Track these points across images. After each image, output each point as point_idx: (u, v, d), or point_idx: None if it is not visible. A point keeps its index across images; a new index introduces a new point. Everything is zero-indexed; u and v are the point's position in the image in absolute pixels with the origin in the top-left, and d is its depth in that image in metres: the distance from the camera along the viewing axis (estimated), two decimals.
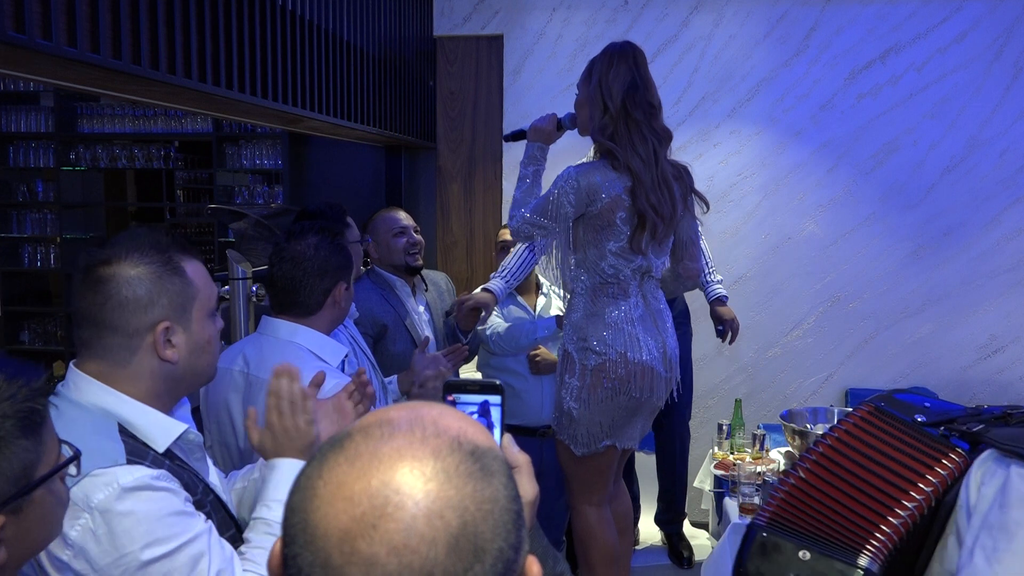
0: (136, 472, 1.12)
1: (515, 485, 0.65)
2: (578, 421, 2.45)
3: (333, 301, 1.87)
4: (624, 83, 2.39)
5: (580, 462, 2.50)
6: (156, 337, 1.20)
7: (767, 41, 3.95)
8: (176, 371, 1.23)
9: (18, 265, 5.36)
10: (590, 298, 2.44)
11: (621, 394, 2.42)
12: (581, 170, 2.40)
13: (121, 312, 1.18)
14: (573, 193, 2.36)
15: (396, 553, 0.57)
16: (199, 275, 1.27)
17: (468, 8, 4.12)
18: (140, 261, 1.20)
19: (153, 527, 1.09)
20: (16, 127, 5.28)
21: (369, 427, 0.63)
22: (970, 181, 3.91)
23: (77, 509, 1.07)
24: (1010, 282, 3.90)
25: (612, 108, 2.38)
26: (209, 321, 1.29)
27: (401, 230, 2.91)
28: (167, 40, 1.90)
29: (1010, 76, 3.83)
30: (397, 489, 0.59)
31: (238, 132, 5.21)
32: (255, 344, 1.86)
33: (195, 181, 5.76)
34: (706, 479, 3.46)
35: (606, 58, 2.43)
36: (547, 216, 2.41)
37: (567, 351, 2.48)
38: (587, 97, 2.46)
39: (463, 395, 0.87)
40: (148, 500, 1.11)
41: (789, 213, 4.02)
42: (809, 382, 4.09)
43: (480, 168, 4.23)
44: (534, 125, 2.61)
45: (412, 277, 2.96)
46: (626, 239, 2.39)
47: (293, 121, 2.86)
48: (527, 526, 0.86)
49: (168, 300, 1.21)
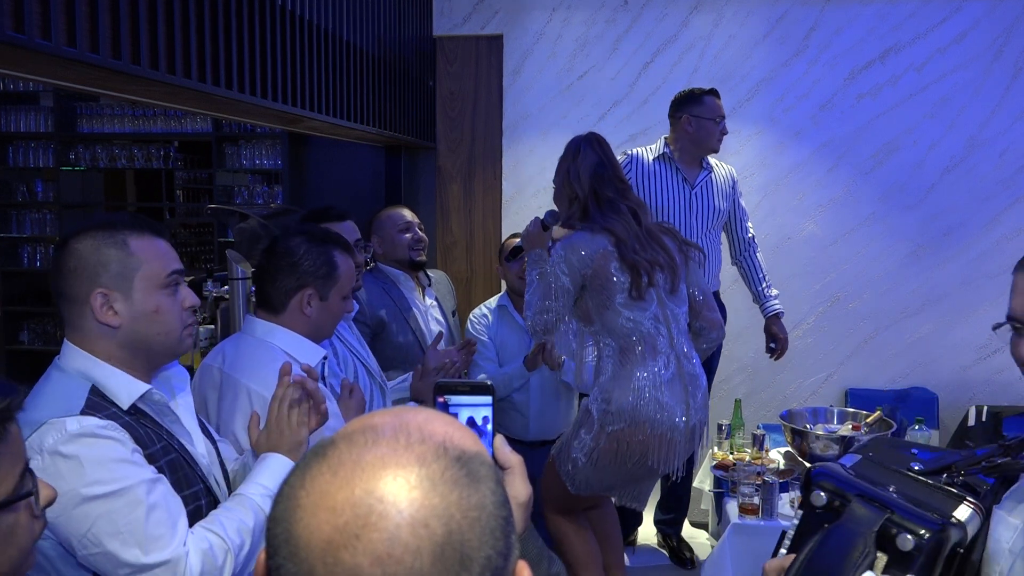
0: (84, 422, 1.25)
1: (503, 490, 0.64)
2: (579, 471, 2.47)
3: (299, 305, 1.83)
4: (591, 167, 2.49)
5: (566, 492, 2.52)
6: (92, 302, 1.32)
7: (767, 41, 3.95)
8: (122, 336, 1.34)
9: (17, 265, 5.35)
10: (619, 360, 2.43)
11: (633, 463, 2.42)
12: (565, 244, 2.46)
13: (69, 280, 1.33)
14: (566, 267, 2.42)
15: (380, 563, 0.56)
16: (147, 249, 1.36)
17: (468, 8, 4.12)
18: (90, 236, 1.33)
19: (94, 469, 1.21)
20: (16, 127, 5.28)
21: (353, 434, 0.62)
22: (970, 181, 3.91)
23: (32, 451, 1.18)
24: (1010, 282, 3.89)
25: (581, 193, 2.48)
26: (159, 292, 1.36)
27: (407, 225, 2.95)
28: (167, 40, 1.90)
29: (1010, 76, 3.83)
30: (380, 498, 0.57)
31: (238, 132, 5.20)
32: (234, 342, 1.88)
33: (195, 181, 5.76)
34: (706, 479, 3.46)
35: (570, 150, 2.55)
36: (551, 298, 2.44)
37: (588, 409, 2.48)
38: (559, 190, 2.58)
39: (454, 396, 0.86)
40: (91, 446, 1.23)
41: (789, 213, 4.02)
42: (809, 382, 4.09)
43: (480, 168, 4.22)
44: (524, 237, 2.66)
45: (415, 272, 2.99)
46: (629, 291, 2.41)
47: (293, 121, 2.86)
48: (521, 528, 0.85)
49: (108, 270, 1.32)
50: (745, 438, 3.32)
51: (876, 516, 1.07)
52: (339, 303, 1.90)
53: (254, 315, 1.91)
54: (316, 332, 1.89)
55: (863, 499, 1.11)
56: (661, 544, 3.61)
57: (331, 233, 1.97)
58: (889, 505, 1.09)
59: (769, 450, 3.24)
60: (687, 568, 3.45)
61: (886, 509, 1.08)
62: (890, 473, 1.17)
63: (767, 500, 2.74)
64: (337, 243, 1.91)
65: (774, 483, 2.76)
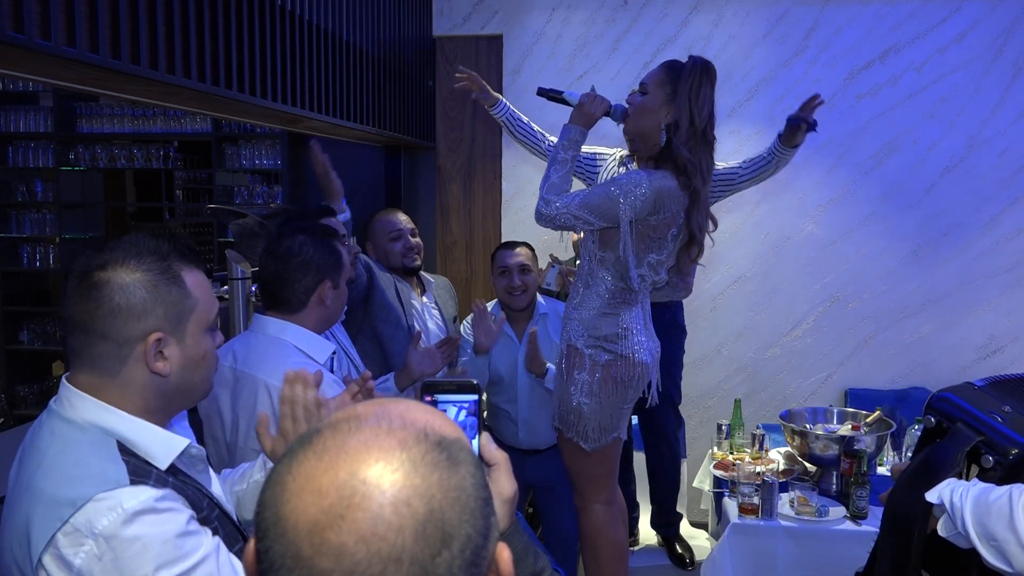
0: (141, 494, 1.07)
1: (482, 475, 0.67)
2: (588, 417, 2.44)
3: (319, 299, 1.89)
4: (711, 106, 2.35)
5: (588, 458, 2.50)
6: (147, 348, 1.15)
7: (766, 41, 3.95)
8: (167, 385, 1.18)
9: (17, 265, 5.35)
10: (606, 299, 2.43)
11: (629, 389, 2.45)
12: (653, 178, 2.31)
13: (113, 320, 1.13)
14: (642, 200, 2.29)
15: (364, 542, 0.58)
16: (200, 286, 1.21)
17: (467, 8, 4.12)
18: (137, 267, 1.15)
19: (161, 550, 1.05)
20: (15, 127, 5.27)
21: (337, 423, 0.65)
22: (970, 181, 3.91)
23: (80, 536, 1.03)
24: (1009, 282, 3.90)
25: (698, 125, 2.32)
26: (206, 336, 1.23)
27: (397, 234, 2.94)
28: (166, 40, 1.90)
29: (1009, 76, 3.83)
30: (364, 480, 0.60)
31: (237, 132, 5.20)
32: (244, 341, 1.90)
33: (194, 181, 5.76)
34: (705, 479, 3.46)
35: (696, 73, 2.34)
36: (599, 215, 2.33)
37: (574, 346, 2.45)
38: (666, 103, 2.36)
39: (441, 395, 0.88)
40: (153, 523, 1.06)
41: (789, 213, 4.02)
42: (809, 382, 4.09)
43: (480, 168, 4.22)
44: (583, 105, 2.47)
45: (411, 277, 2.98)
46: (667, 254, 2.40)
47: (293, 121, 2.86)
48: (505, 524, 0.87)
49: (163, 310, 1.16)
50: (745, 438, 3.32)
51: (970, 438, 1.36)
52: (345, 288, 1.98)
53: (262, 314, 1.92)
54: (329, 320, 1.96)
55: (965, 424, 1.39)
56: (661, 544, 3.61)
57: (322, 225, 2.01)
58: (984, 431, 1.36)
59: (769, 450, 3.25)
60: (687, 568, 3.45)
61: (981, 434, 1.35)
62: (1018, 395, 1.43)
63: (767, 500, 2.74)
64: (333, 233, 1.97)
65: (774, 483, 2.76)
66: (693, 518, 3.87)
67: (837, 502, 2.81)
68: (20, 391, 5.17)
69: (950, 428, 1.41)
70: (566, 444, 2.54)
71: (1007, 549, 1.20)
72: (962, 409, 1.42)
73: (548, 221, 2.39)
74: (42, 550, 1.04)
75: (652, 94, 2.39)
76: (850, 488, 2.77)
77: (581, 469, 2.57)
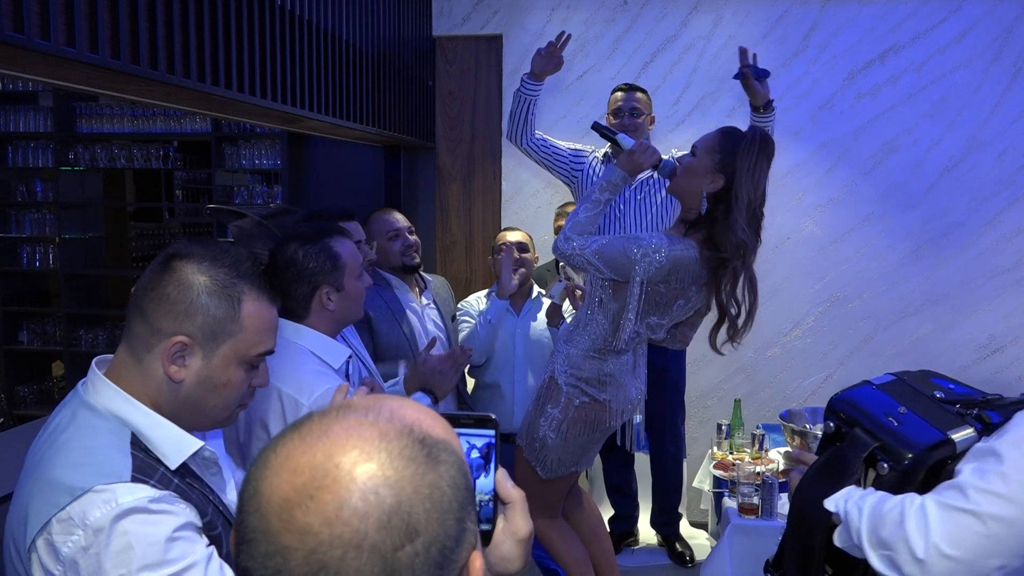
0: (137, 492, 1.06)
1: (467, 481, 0.67)
2: (551, 449, 2.46)
3: (320, 305, 1.87)
4: (765, 183, 2.23)
5: (542, 483, 2.51)
6: (168, 347, 1.14)
7: (766, 41, 3.94)
8: (177, 392, 1.16)
9: (17, 265, 5.35)
10: (597, 344, 2.41)
11: (597, 431, 2.45)
12: (674, 247, 2.24)
13: (158, 306, 1.14)
14: (656, 267, 2.24)
15: (328, 524, 0.59)
16: (255, 319, 1.19)
17: (467, 8, 4.12)
18: (208, 271, 1.15)
19: (146, 552, 1.04)
20: (15, 127, 5.27)
21: (328, 410, 0.67)
22: (969, 181, 3.91)
23: (72, 525, 1.03)
24: (1009, 282, 3.90)
25: (754, 202, 2.21)
26: (238, 368, 1.19)
27: (396, 232, 2.94)
28: (166, 40, 1.90)
29: (1009, 76, 3.83)
30: (338, 464, 0.61)
31: (237, 132, 5.20)
32: None
33: (194, 181, 5.75)
34: (705, 479, 3.46)
35: (755, 148, 2.20)
36: (611, 268, 2.29)
37: (555, 381, 2.45)
38: (712, 171, 2.25)
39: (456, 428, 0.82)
40: (144, 523, 1.05)
41: (788, 213, 4.02)
42: (808, 382, 4.09)
43: (479, 168, 4.22)
44: (634, 152, 2.38)
45: (410, 276, 2.99)
46: (668, 320, 2.38)
47: (292, 121, 2.86)
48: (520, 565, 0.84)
49: (203, 320, 1.15)
50: (744, 438, 3.32)
51: (867, 444, 1.30)
52: (355, 284, 1.93)
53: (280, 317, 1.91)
54: (344, 320, 1.94)
55: (862, 428, 1.33)
56: (661, 544, 3.61)
57: (320, 225, 1.98)
58: (880, 436, 1.30)
59: (768, 450, 3.25)
60: (687, 566, 3.45)
61: (877, 439, 1.30)
62: (912, 395, 1.36)
63: (766, 500, 2.74)
64: (330, 232, 1.94)
65: (773, 483, 2.76)
66: (693, 518, 3.87)
67: None
68: (20, 391, 5.17)
69: (848, 433, 1.35)
70: (522, 462, 2.53)
71: (897, 558, 1.14)
72: (860, 411, 1.37)
73: (563, 257, 2.40)
74: (36, 533, 1.05)
75: (700, 158, 2.28)
76: None
77: (530, 489, 2.56)
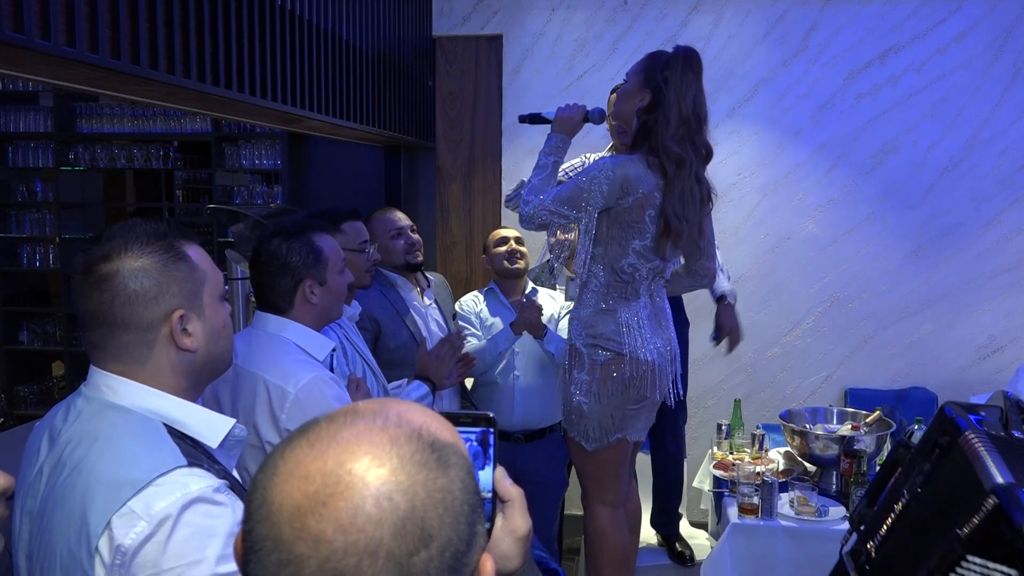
0: (200, 480, 1.05)
1: (475, 483, 0.67)
2: (588, 416, 2.44)
3: (303, 299, 1.90)
4: (695, 93, 2.33)
5: (591, 458, 2.50)
6: (172, 327, 1.14)
7: (766, 41, 3.95)
8: (195, 360, 1.18)
9: (17, 265, 5.35)
10: (602, 295, 2.42)
11: (631, 389, 2.43)
12: (617, 162, 2.32)
13: (132, 307, 1.12)
14: (607, 184, 2.30)
15: (342, 531, 0.59)
16: (204, 259, 1.22)
17: (467, 8, 4.12)
18: (142, 252, 1.14)
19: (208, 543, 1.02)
20: (15, 127, 5.27)
21: (336, 415, 0.66)
22: (969, 181, 3.91)
23: (135, 517, 1.01)
24: (1009, 282, 3.90)
25: (677, 113, 2.30)
26: (220, 305, 1.23)
27: (398, 231, 2.94)
28: (166, 40, 1.90)
29: (1009, 76, 3.83)
30: (350, 470, 0.60)
31: (237, 132, 5.20)
32: (245, 338, 1.92)
33: (194, 181, 5.75)
34: (705, 479, 3.46)
35: (677, 61, 2.33)
36: (572, 206, 2.34)
37: (575, 346, 2.46)
38: (641, 89, 2.36)
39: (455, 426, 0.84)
40: (205, 515, 1.03)
41: (788, 213, 4.02)
42: (808, 382, 4.09)
43: (479, 168, 4.22)
44: (560, 115, 2.51)
45: (413, 274, 2.99)
46: (651, 238, 2.36)
47: (292, 121, 2.86)
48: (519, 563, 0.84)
49: (178, 288, 1.15)
50: (744, 438, 3.32)
51: None
52: (338, 279, 1.96)
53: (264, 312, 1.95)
54: (327, 314, 1.96)
55: None
56: (661, 544, 3.61)
57: (304, 222, 2.00)
58: None
59: (768, 450, 3.25)
60: (687, 565, 3.45)
61: None
62: None
63: (766, 500, 2.74)
64: (312, 227, 1.96)
65: (773, 483, 2.76)
66: (693, 518, 3.87)
67: (837, 502, 2.81)
68: (20, 391, 5.18)
69: None
70: (571, 443, 2.55)
71: None
72: None
73: (528, 221, 2.43)
74: (100, 533, 1.02)
75: (630, 81, 2.42)
76: (850, 488, 2.77)
77: (584, 468, 2.57)
